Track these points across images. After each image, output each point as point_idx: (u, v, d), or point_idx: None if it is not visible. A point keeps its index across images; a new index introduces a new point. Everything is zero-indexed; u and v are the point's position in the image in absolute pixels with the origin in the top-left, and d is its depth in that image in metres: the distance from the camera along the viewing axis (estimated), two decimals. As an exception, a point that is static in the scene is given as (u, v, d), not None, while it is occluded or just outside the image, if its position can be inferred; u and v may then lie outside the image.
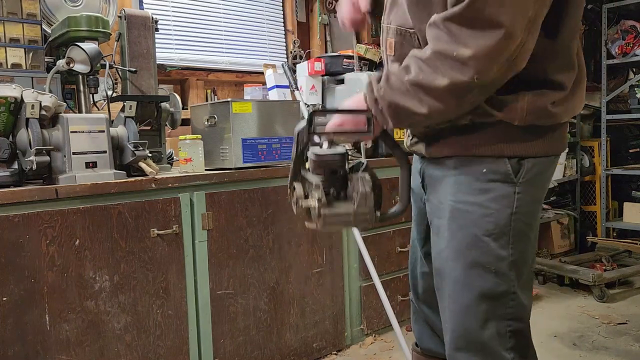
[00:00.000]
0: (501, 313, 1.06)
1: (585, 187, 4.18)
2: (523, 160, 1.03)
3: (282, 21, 3.39)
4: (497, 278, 1.05)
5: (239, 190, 2.06)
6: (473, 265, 1.05)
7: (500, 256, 1.04)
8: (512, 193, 1.03)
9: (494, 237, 1.04)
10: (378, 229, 2.51)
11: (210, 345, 1.99)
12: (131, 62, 2.02)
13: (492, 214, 1.03)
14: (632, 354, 2.37)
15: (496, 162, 1.03)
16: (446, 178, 1.09)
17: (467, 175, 1.06)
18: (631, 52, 3.68)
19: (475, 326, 1.07)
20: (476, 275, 1.05)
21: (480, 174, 1.04)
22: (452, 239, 1.08)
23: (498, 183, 1.03)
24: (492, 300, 1.06)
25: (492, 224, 1.04)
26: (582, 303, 3.03)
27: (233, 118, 2.06)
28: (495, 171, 1.03)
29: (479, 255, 1.05)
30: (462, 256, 1.06)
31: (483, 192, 1.04)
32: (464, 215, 1.06)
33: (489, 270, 1.05)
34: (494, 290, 1.05)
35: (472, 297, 1.06)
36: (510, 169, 1.03)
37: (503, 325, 1.07)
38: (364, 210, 1.00)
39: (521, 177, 1.03)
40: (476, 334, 1.07)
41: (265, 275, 2.14)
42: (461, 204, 1.06)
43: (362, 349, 2.45)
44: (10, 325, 1.58)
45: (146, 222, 1.82)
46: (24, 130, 1.68)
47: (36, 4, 1.99)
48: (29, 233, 1.60)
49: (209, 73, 2.98)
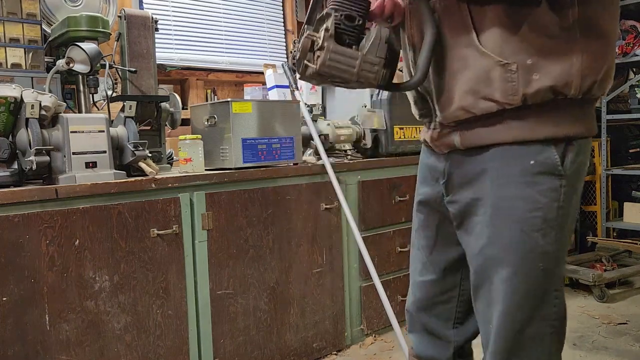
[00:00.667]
0: (547, 312, 1.04)
1: (585, 187, 4.18)
2: (570, 146, 0.99)
3: (282, 21, 3.39)
4: (545, 276, 1.02)
5: (239, 190, 2.05)
6: (520, 263, 1.01)
7: (547, 252, 1.01)
8: (559, 186, 0.99)
9: (542, 232, 1.00)
10: (378, 228, 2.51)
11: (210, 345, 1.99)
12: (131, 62, 2.02)
13: (540, 208, 0.99)
14: (632, 354, 2.37)
15: (543, 151, 0.99)
16: (486, 172, 1.03)
17: (511, 167, 1.00)
18: (631, 52, 3.68)
19: (519, 327, 1.04)
20: (524, 274, 1.02)
21: (528, 166, 0.99)
22: (496, 236, 1.03)
23: (545, 176, 0.99)
24: (539, 299, 1.03)
25: (540, 219, 1.00)
26: (582, 303, 3.03)
27: (233, 118, 2.06)
28: (543, 163, 0.99)
29: (526, 252, 1.01)
30: (508, 254, 1.02)
31: (530, 184, 0.99)
32: (510, 211, 1.01)
33: (537, 267, 1.01)
34: (542, 289, 1.03)
35: (520, 296, 1.03)
36: (558, 159, 0.99)
37: (547, 325, 1.04)
38: (372, 59, 0.88)
39: (567, 169, 1.00)
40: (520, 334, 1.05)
41: (265, 275, 2.14)
42: (506, 199, 1.01)
43: (362, 349, 2.45)
44: (10, 325, 1.58)
45: (146, 222, 1.82)
46: (24, 130, 1.68)
47: (36, 4, 1.99)
48: (29, 233, 1.60)
49: (209, 73, 2.98)
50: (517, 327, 1.05)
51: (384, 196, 2.53)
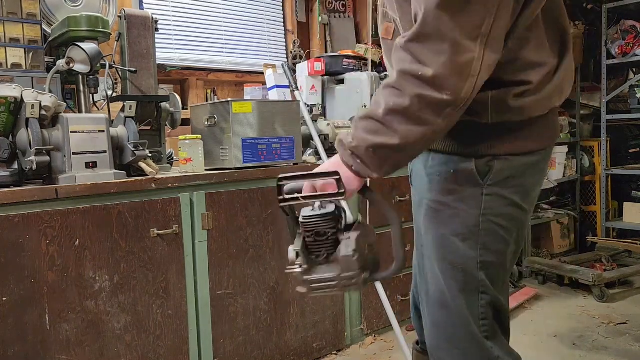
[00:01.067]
0: (474, 312, 1.08)
1: (585, 187, 4.18)
2: (493, 162, 1.02)
3: (282, 21, 3.39)
4: (465, 277, 1.07)
5: (239, 190, 2.06)
6: (443, 263, 1.09)
7: (468, 256, 1.06)
8: (479, 194, 1.04)
9: (461, 237, 1.06)
10: (378, 228, 2.50)
11: (210, 345, 1.99)
12: (131, 62, 2.02)
13: (459, 214, 1.05)
14: (632, 354, 2.37)
15: (464, 162, 1.04)
16: (424, 176, 1.12)
17: (439, 175, 1.08)
18: (631, 52, 3.68)
19: (450, 321, 1.10)
20: (447, 272, 1.08)
21: (449, 175, 1.06)
22: (427, 235, 1.12)
23: (464, 185, 1.05)
24: (461, 300, 1.08)
25: (459, 224, 1.06)
26: (582, 303, 3.03)
27: (233, 118, 2.06)
28: (461, 172, 1.04)
29: (448, 253, 1.08)
30: (434, 253, 1.10)
31: (451, 192, 1.06)
32: (436, 214, 1.09)
33: (458, 268, 1.07)
34: (464, 289, 1.07)
35: (446, 296, 1.09)
36: (475, 170, 1.03)
37: (477, 325, 1.08)
38: (348, 275, 0.97)
39: (489, 180, 1.03)
40: (453, 334, 1.10)
41: (265, 275, 2.14)
42: (434, 203, 1.09)
43: (362, 349, 2.45)
44: (10, 325, 1.58)
45: (146, 222, 1.82)
46: (24, 130, 1.68)
47: (36, 4, 1.99)
48: (29, 233, 1.60)
49: (209, 73, 2.98)
50: (440, 321, 1.11)
51: (384, 196, 2.53)
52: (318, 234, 0.99)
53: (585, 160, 4.15)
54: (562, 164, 3.91)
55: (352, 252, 0.97)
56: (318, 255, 1.00)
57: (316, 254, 1.00)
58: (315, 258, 1.00)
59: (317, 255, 1.00)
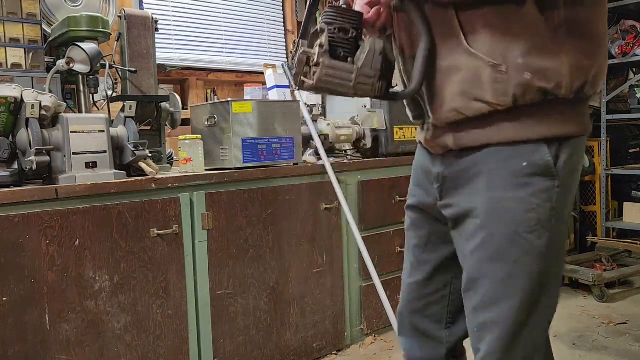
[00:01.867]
0: (542, 313, 1.04)
1: (585, 187, 4.18)
2: (562, 145, 0.99)
3: (282, 21, 3.39)
4: (540, 278, 1.01)
5: (239, 190, 2.06)
6: (516, 265, 1.01)
7: (543, 254, 1.00)
8: (552, 187, 0.99)
9: (537, 234, 0.99)
10: (378, 228, 2.51)
11: (210, 345, 1.99)
12: (131, 62, 2.02)
13: (534, 209, 0.99)
14: (632, 354, 2.37)
15: (536, 152, 0.98)
16: (479, 175, 1.03)
17: (504, 169, 1.00)
18: (631, 52, 3.68)
19: (516, 328, 1.04)
20: (519, 276, 1.01)
21: (520, 167, 0.99)
22: (490, 238, 1.02)
23: (538, 177, 0.99)
24: (535, 301, 1.03)
25: (534, 220, 0.99)
26: (582, 303, 3.03)
27: (233, 118, 2.06)
28: (535, 164, 0.98)
29: (521, 254, 1.00)
30: (503, 256, 1.01)
31: (523, 186, 0.99)
32: (504, 212, 1.01)
33: (533, 269, 1.01)
34: (538, 290, 1.02)
35: (517, 298, 1.02)
36: (551, 160, 0.98)
37: (542, 326, 1.04)
38: (368, 72, 0.88)
39: (560, 169, 0.99)
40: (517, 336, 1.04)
41: (265, 275, 2.14)
42: (499, 201, 1.01)
43: (362, 349, 2.45)
44: (10, 325, 1.58)
45: (146, 222, 1.82)
46: (24, 130, 1.68)
47: (36, 4, 1.99)
48: (29, 233, 1.60)
49: (209, 73, 2.98)
50: (514, 328, 1.04)
51: (384, 196, 2.53)
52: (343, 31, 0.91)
53: (585, 160, 4.15)
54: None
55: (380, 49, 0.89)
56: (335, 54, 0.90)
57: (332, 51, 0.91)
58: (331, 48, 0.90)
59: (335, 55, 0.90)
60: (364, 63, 0.88)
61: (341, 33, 0.90)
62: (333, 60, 0.88)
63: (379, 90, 0.90)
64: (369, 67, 0.88)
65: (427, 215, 1.20)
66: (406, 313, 1.29)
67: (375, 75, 0.88)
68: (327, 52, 0.87)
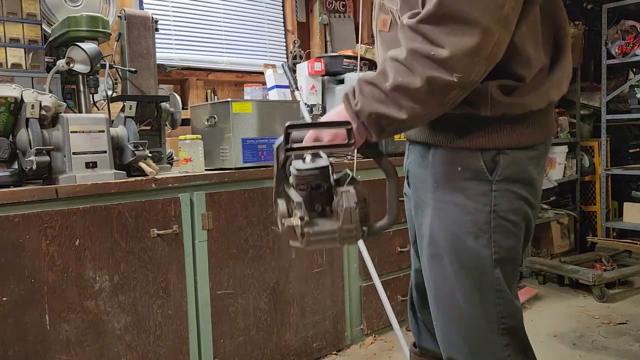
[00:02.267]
0: (491, 311, 1.06)
1: (585, 187, 4.18)
2: (499, 156, 1.02)
3: (282, 21, 3.39)
4: (481, 276, 1.04)
5: (239, 190, 2.06)
6: (455, 265, 1.05)
7: (481, 255, 1.03)
8: (488, 191, 1.02)
9: (473, 236, 1.03)
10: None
11: (210, 345, 1.99)
12: (131, 62, 2.02)
13: (470, 212, 1.03)
14: (632, 354, 2.37)
15: (470, 158, 1.02)
16: (427, 175, 1.09)
17: (444, 174, 1.05)
18: (631, 52, 3.68)
19: (465, 326, 1.07)
20: (460, 275, 1.05)
21: (456, 172, 1.04)
22: (434, 237, 1.08)
23: (473, 181, 1.03)
24: (477, 300, 1.05)
25: (471, 222, 1.03)
26: (582, 303, 3.03)
27: (233, 118, 2.06)
28: (469, 169, 1.03)
29: (460, 254, 1.05)
30: (445, 254, 1.06)
31: (460, 190, 1.04)
32: (444, 214, 1.06)
33: (471, 267, 1.04)
34: (481, 288, 1.05)
35: (459, 296, 1.06)
36: (484, 165, 1.02)
37: (494, 324, 1.06)
38: (349, 227, 0.95)
39: (497, 175, 1.02)
40: (467, 334, 1.07)
41: (265, 275, 2.14)
42: (441, 202, 1.06)
43: (362, 349, 2.45)
44: (10, 325, 1.58)
45: (146, 222, 1.82)
46: (24, 130, 1.68)
47: (36, 4, 1.99)
48: (29, 233, 1.60)
49: (209, 73, 2.98)
50: (456, 324, 1.08)
51: (384, 196, 2.52)
52: (315, 187, 0.97)
53: (585, 160, 4.15)
54: (562, 164, 3.91)
55: (355, 204, 0.94)
56: (312, 209, 0.98)
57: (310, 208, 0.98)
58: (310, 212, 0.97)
59: (312, 209, 0.98)
60: (343, 220, 0.94)
61: (314, 190, 0.97)
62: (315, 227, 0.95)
63: (363, 234, 0.97)
64: (349, 222, 0.94)
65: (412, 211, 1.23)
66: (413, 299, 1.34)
67: (356, 227, 0.95)
68: (308, 223, 0.94)
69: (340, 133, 0.99)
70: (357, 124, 0.97)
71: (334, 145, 0.99)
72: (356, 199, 0.95)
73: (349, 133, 0.96)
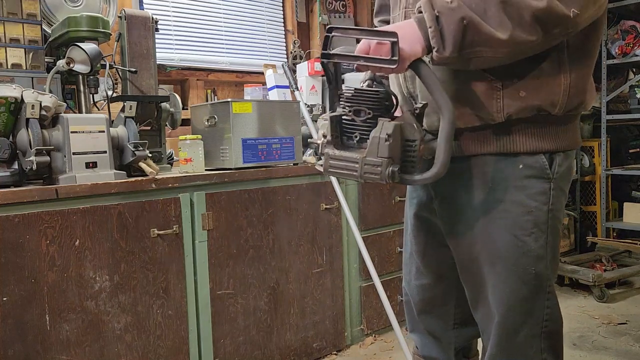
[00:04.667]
0: (539, 314, 1.05)
1: (585, 187, 4.18)
2: (554, 155, 1.01)
3: (282, 21, 3.39)
4: (536, 280, 1.02)
5: (239, 190, 2.06)
6: (513, 268, 1.02)
7: (540, 256, 1.01)
8: (548, 189, 1.00)
9: (534, 236, 1.00)
10: (378, 228, 2.51)
11: (210, 345, 1.99)
12: (131, 62, 2.02)
13: (531, 212, 1.00)
14: (632, 354, 2.37)
15: (532, 157, 1.00)
16: (476, 179, 1.03)
17: (502, 173, 1.01)
18: (631, 52, 3.68)
19: (513, 330, 1.05)
20: (516, 278, 1.02)
21: (517, 170, 1.00)
22: (488, 241, 1.03)
23: (534, 179, 1.00)
24: (531, 302, 1.04)
25: (531, 222, 1.00)
26: (582, 303, 3.03)
27: (233, 118, 2.06)
28: (531, 167, 1.00)
29: (519, 256, 1.01)
30: (501, 258, 1.02)
31: (520, 189, 1.00)
32: (501, 215, 1.01)
33: (530, 271, 1.01)
34: (534, 292, 1.03)
35: (513, 300, 1.03)
36: (546, 162, 1.00)
37: (538, 326, 1.05)
38: (374, 160, 0.83)
39: (554, 172, 1.01)
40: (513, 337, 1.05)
41: (265, 275, 2.14)
42: (496, 203, 1.01)
43: (362, 349, 2.45)
44: (10, 325, 1.58)
45: (146, 222, 1.82)
46: (24, 131, 1.68)
47: (36, 4, 1.99)
48: (29, 233, 1.60)
49: (209, 73, 2.98)
50: (511, 330, 1.06)
51: (384, 196, 2.53)
52: (357, 112, 0.87)
53: (585, 160, 4.15)
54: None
55: (386, 135, 0.82)
56: (350, 136, 0.87)
57: (348, 134, 0.88)
58: (347, 140, 0.87)
59: (349, 136, 0.87)
60: (369, 151, 0.83)
61: (355, 115, 0.87)
62: (337, 150, 0.86)
63: (388, 177, 0.85)
64: (374, 155, 0.83)
65: (425, 219, 1.20)
66: (416, 312, 1.30)
67: (381, 163, 0.83)
68: (331, 143, 0.86)
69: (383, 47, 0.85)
70: (433, 26, 0.83)
71: (374, 59, 0.85)
72: (391, 130, 0.83)
73: (393, 47, 0.82)
